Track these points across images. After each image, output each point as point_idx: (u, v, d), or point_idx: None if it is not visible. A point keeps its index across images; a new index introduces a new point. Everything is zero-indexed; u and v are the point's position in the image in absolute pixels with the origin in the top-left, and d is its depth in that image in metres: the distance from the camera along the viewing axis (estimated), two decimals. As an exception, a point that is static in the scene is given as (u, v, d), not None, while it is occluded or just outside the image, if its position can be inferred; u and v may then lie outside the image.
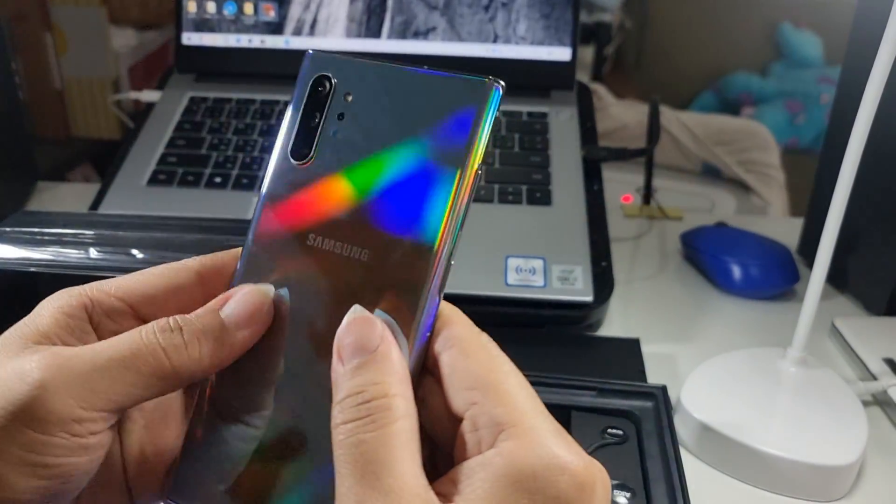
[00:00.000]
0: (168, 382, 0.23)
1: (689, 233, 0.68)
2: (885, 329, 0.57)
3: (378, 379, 0.21)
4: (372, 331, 0.22)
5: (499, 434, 0.21)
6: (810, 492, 0.44)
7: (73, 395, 0.21)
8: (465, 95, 0.23)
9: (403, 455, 0.21)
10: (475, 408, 0.22)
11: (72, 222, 0.49)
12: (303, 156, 0.25)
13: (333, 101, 0.25)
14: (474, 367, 0.22)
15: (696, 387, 0.49)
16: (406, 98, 0.24)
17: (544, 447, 0.21)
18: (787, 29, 1.66)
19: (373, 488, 0.20)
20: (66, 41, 1.13)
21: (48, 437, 0.21)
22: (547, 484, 0.20)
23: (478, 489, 0.20)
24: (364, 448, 0.20)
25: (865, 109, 0.41)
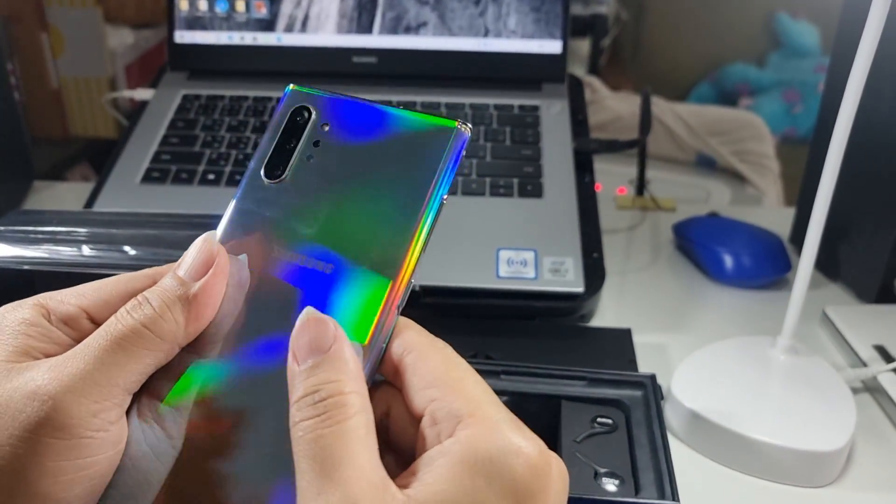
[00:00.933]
0: (160, 352, 0.24)
1: (681, 223, 0.68)
2: (875, 317, 0.57)
3: (333, 377, 0.22)
4: (325, 331, 0.23)
5: (457, 425, 0.22)
6: (799, 478, 0.44)
7: (83, 395, 0.22)
8: (434, 136, 0.25)
9: (360, 448, 0.21)
10: (434, 403, 0.23)
11: (65, 220, 0.49)
12: (275, 175, 0.26)
13: (310, 130, 0.27)
14: (432, 367, 0.24)
15: (686, 375, 0.49)
16: (380, 133, 0.26)
17: (500, 434, 0.22)
18: (783, 19, 1.65)
19: (331, 480, 0.21)
20: (62, 41, 1.13)
21: (75, 440, 0.22)
22: (503, 467, 0.21)
23: (436, 474, 0.21)
24: (322, 443, 0.21)
25: (850, 97, 0.42)
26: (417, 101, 0.70)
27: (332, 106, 0.27)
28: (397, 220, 0.25)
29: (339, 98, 0.27)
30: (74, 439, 0.22)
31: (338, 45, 0.72)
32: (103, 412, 0.22)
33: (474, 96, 0.71)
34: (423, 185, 0.25)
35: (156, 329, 0.23)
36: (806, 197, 0.67)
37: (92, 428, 0.22)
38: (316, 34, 0.72)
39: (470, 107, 0.70)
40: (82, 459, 0.22)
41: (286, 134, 0.27)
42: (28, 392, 0.22)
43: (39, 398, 0.22)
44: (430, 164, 0.25)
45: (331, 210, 0.25)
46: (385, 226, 0.25)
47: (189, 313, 0.24)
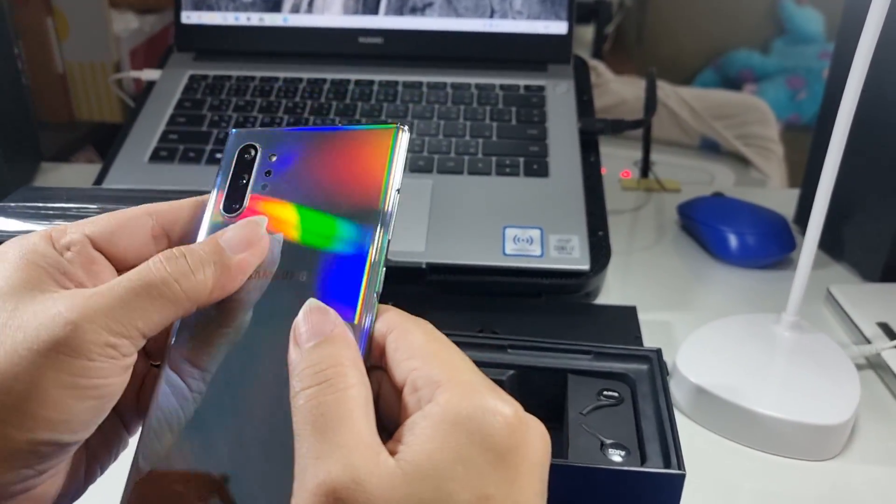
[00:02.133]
0: (181, 307, 0.25)
1: (686, 203, 0.68)
2: (879, 295, 0.58)
3: (334, 353, 0.24)
4: (326, 318, 0.25)
5: (436, 390, 0.23)
6: (803, 451, 0.44)
7: (102, 327, 0.23)
8: (378, 139, 0.28)
9: (358, 415, 0.22)
10: (414, 372, 0.24)
11: (75, 197, 0.49)
12: (234, 209, 0.28)
13: (259, 163, 0.29)
14: (411, 341, 0.25)
15: (691, 351, 0.49)
16: (327, 149, 0.28)
17: (478, 395, 0.23)
18: (788, 5, 1.65)
19: (329, 443, 0.22)
20: (67, 25, 1.13)
21: (87, 362, 0.23)
22: (481, 424, 0.22)
23: (420, 436, 0.22)
24: (323, 409, 0.22)
25: (855, 75, 0.42)
26: (423, 81, 0.71)
27: (275, 138, 0.29)
28: (359, 215, 0.27)
29: (280, 130, 0.30)
30: (86, 361, 0.23)
31: (344, 25, 0.72)
32: (118, 346, 0.24)
33: (480, 76, 0.71)
34: (376, 182, 0.27)
35: (184, 284, 0.25)
36: (810, 178, 0.67)
37: (105, 356, 0.23)
38: (322, 15, 0.72)
39: (476, 87, 0.70)
40: (91, 380, 0.23)
41: (237, 171, 0.29)
42: (51, 315, 0.23)
43: (61, 321, 0.23)
44: (379, 163, 0.27)
45: (294, 224, 0.27)
46: (348, 223, 0.27)
47: (218, 280, 0.26)
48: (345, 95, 0.70)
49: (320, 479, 0.21)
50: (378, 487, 0.21)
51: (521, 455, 0.23)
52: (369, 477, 0.21)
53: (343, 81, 0.71)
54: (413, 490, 0.21)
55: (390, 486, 0.21)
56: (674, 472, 0.38)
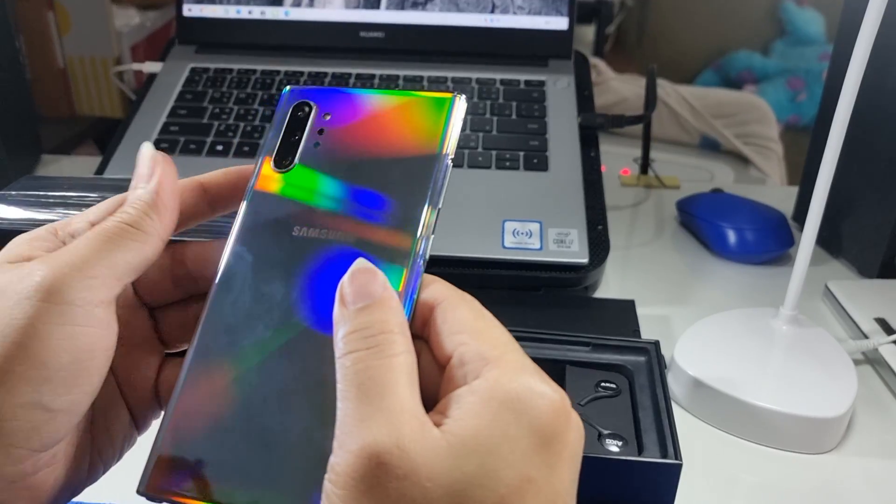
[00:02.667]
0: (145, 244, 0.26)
1: (685, 199, 0.68)
2: (877, 291, 0.58)
3: (383, 318, 0.23)
4: (375, 279, 0.24)
5: (484, 366, 0.23)
6: (800, 444, 0.45)
7: (76, 269, 0.24)
8: (435, 107, 0.27)
9: (405, 382, 0.22)
10: (462, 347, 0.24)
11: (76, 186, 0.50)
12: (284, 165, 0.28)
13: (313, 120, 0.28)
14: (460, 316, 0.24)
15: (689, 344, 0.49)
16: (382, 113, 0.28)
17: (527, 376, 0.23)
18: (789, 6, 1.65)
19: (374, 407, 0.21)
20: (68, 20, 1.13)
21: (65, 306, 0.23)
22: (529, 406, 0.22)
23: (466, 410, 0.22)
24: (370, 373, 0.22)
25: (853, 72, 0.42)
26: (424, 75, 0.71)
27: (331, 97, 0.29)
28: (410, 181, 0.26)
29: (337, 90, 0.29)
30: (63, 304, 0.23)
31: (345, 19, 0.72)
32: (93, 287, 0.24)
33: (481, 71, 0.71)
34: (430, 148, 0.27)
35: (136, 225, 0.25)
36: (809, 175, 0.67)
37: (82, 297, 0.23)
38: (323, 9, 0.72)
39: (476, 81, 0.70)
40: (70, 326, 0.23)
41: (290, 128, 0.28)
42: (25, 272, 0.24)
43: (35, 273, 0.23)
44: (434, 131, 0.27)
45: (344, 184, 0.27)
46: (399, 188, 0.26)
47: (157, 209, 0.26)
48: (345, 89, 0.70)
49: (365, 441, 0.21)
50: (422, 456, 0.21)
51: (564, 442, 0.22)
52: (414, 445, 0.21)
53: (344, 75, 0.71)
54: (457, 463, 0.21)
55: (434, 457, 0.21)
56: (670, 461, 0.38)
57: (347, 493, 0.21)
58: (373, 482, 0.20)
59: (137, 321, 0.29)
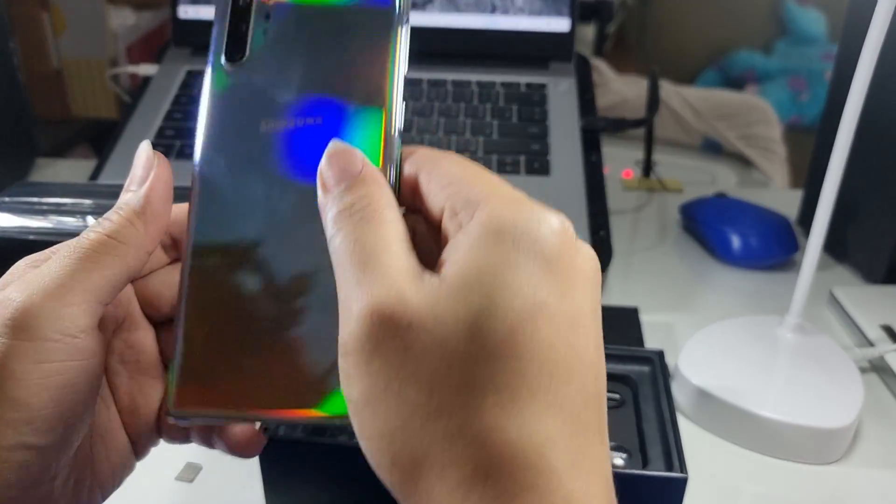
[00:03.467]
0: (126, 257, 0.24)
1: (688, 204, 0.67)
2: (883, 297, 0.57)
3: (366, 193, 0.22)
4: (353, 157, 0.23)
5: (476, 208, 0.22)
6: (806, 454, 0.44)
7: (49, 298, 0.22)
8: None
9: (397, 243, 0.22)
10: (451, 198, 0.22)
11: (70, 192, 0.49)
12: (236, 58, 0.26)
13: (257, 5, 0.26)
14: (445, 170, 0.23)
15: (693, 353, 0.49)
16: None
17: (522, 205, 0.22)
18: (790, 6, 1.64)
19: (370, 269, 0.21)
20: (63, 21, 1.12)
21: (40, 342, 0.22)
22: (526, 231, 0.21)
23: (462, 251, 0.21)
24: (360, 241, 0.21)
25: (860, 78, 0.41)
26: (424, 78, 0.70)
27: None
28: (370, 54, 0.25)
29: None
30: (39, 341, 0.22)
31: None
32: (71, 317, 0.23)
33: (481, 74, 0.70)
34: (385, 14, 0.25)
35: (119, 236, 0.24)
36: (814, 179, 0.67)
37: (58, 330, 0.22)
38: (321, 10, 0.71)
39: (477, 84, 0.69)
40: (48, 364, 0.22)
41: (234, 17, 0.27)
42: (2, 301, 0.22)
43: (6, 304, 0.22)
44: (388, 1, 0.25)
45: (303, 68, 0.26)
46: (360, 63, 0.25)
47: (145, 217, 0.25)
48: (344, 92, 0.69)
49: (364, 302, 0.20)
50: (424, 302, 0.20)
51: (573, 267, 0.21)
52: (413, 294, 0.20)
53: (342, 78, 0.70)
54: (461, 302, 0.20)
55: (436, 301, 0.20)
56: (676, 475, 0.37)
57: (357, 357, 0.20)
58: (380, 338, 0.20)
59: (142, 343, 0.27)
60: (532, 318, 0.20)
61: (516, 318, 0.20)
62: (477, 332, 0.20)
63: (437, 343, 0.20)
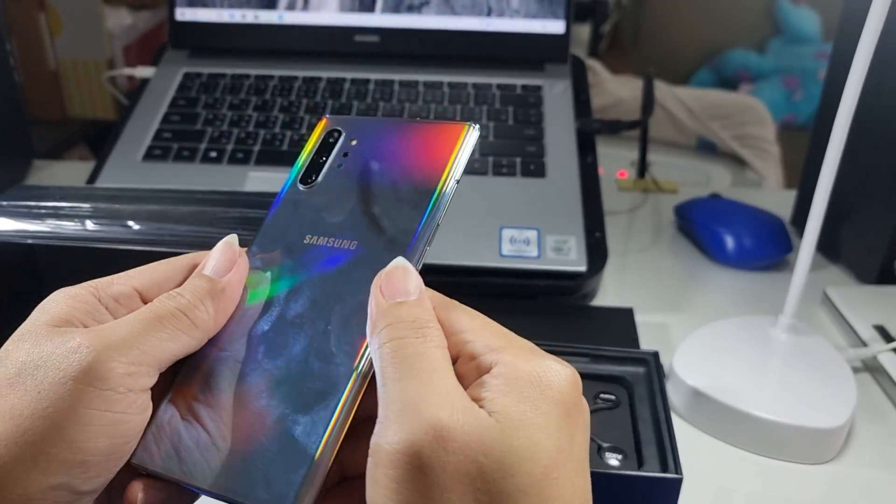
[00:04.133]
0: (193, 338, 0.26)
1: (682, 204, 0.68)
2: (876, 297, 0.57)
3: (423, 312, 0.25)
4: (411, 280, 0.26)
5: (497, 354, 0.24)
6: (799, 454, 0.44)
7: (121, 354, 0.24)
8: (447, 134, 0.30)
9: (443, 364, 0.24)
10: (468, 344, 0.25)
11: (68, 196, 0.49)
12: (309, 182, 0.31)
13: (340, 145, 0.32)
14: (455, 318, 0.26)
15: (688, 353, 0.49)
16: (401, 139, 0.31)
17: (540, 356, 0.25)
18: (784, 5, 1.65)
19: (427, 385, 0.23)
20: (60, 22, 1.12)
21: (109, 392, 0.23)
22: (549, 381, 0.24)
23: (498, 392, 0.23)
24: (409, 351, 0.23)
25: (854, 79, 0.42)
26: (420, 80, 0.70)
27: (359, 125, 0.32)
28: (415, 199, 0.29)
29: (366, 119, 0.33)
30: (108, 391, 0.23)
31: (340, 23, 0.72)
32: (137, 374, 0.24)
33: (477, 76, 0.70)
34: (437, 172, 0.29)
35: (191, 315, 0.26)
36: (808, 179, 0.67)
37: (125, 384, 0.24)
38: (318, 12, 0.72)
39: (473, 86, 0.70)
40: (112, 413, 0.23)
41: (319, 151, 0.32)
42: (70, 347, 0.23)
43: (82, 350, 0.23)
44: (444, 156, 0.29)
45: (355, 201, 0.30)
46: (402, 206, 0.29)
47: (217, 305, 0.27)
48: (340, 94, 0.69)
49: (424, 417, 0.22)
50: (475, 432, 0.22)
51: (580, 412, 0.24)
52: (467, 422, 0.22)
53: (339, 80, 0.70)
54: (507, 438, 0.22)
55: (486, 432, 0.22)
56: (671, 475, 0.38)
57: (401, 472, 0.21)
58: (429, 458, 0.21)
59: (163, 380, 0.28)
60: (557, 462, 0.23)
61: (549, 461, 0.22)
62: (515, 469, 0.22)
63: (479, 474, 0.21)
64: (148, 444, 0.26)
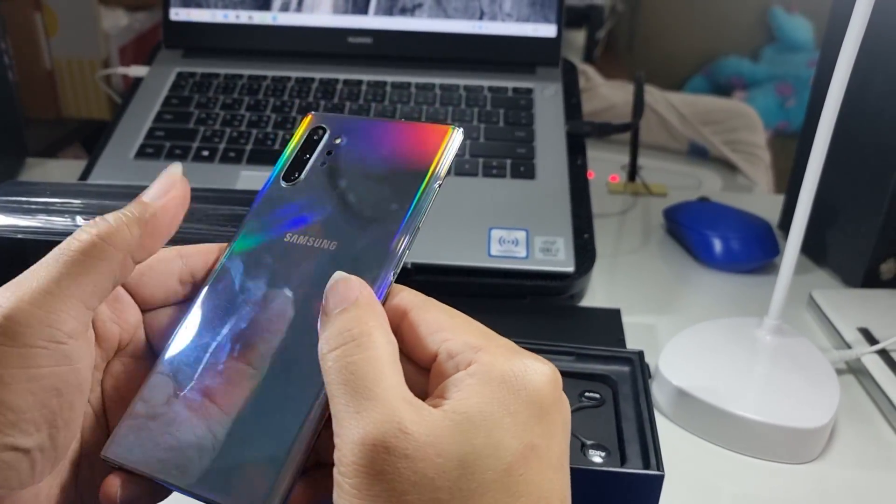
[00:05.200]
0: (114, 262, 0.25)
1: (671, 208, 0.68)
2: (861, 300, 0.58)
3: (361, 317, 0.24)
4: (352, 285, 0.25)
5: (475, 353, 0.24)
6: (782, 454, 0.45)
7: (36, 306, 0.23)
8: (432, 136, 0.30)
9: (389, 372, 0.23)
10: (447, 342, 0.25)
11: (60, 192, 0.49)
12: (292, 180, 0.31)
13: (325, 142, 0.31)
14: (434, 317, 0.26)
15: (673, 354, 0.49)
16: (385, 139, 0.30)
17: (517, 355, 0.25)
18: (778, 13, 1.66)
19: (366, 396, 0.22)
20: (55, 21, 1.12)
21: (25, 349, 0.22)
22: (524, 380, 0.24)
23: (467, 391, 0.23)
24: (353, 368, 0.23)
25: (837, 82, 0.42)
26: (412, 81, 0.71)
27: (344, 123, 0.32)
28: (397, 200, 0.28)
29: (352, 118, 0.32)
30: (24, 347, 0.22)
31: (333, 25, 0.72)
32: (58, 322, 0.23)
33: (469, 78, 0.71)
34: (420, 173, 0.29)
35: (110, 239, 0.24)
36: (795, 184, 0.68)
37: (43, 337, 0.23)
38: (311, 14, 0.72)
39: (464, 88, 0.70)
40: (34, 369, 0.23)
41: (303, 148, 0.31)
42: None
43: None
44: (428, 157, 0.29)
45: (337, 199, 0.29)
46: (384, 207, 0.28)
47: (146, 228, 0.26)
48: (333, 95, 0.70)
49: (366, 430, 0.21)
50: (427, 434, 0.22)
51: (559, 411, 0.24)
52: (415, 425, 0.22)
53: (331, 81, 0.71)
54: (465, 437, 0.22)
55: (440, 433, 0.22)
56: (652, 472, 0.38)
57: (360, 480, 0.21)
58: (383, 466, 0.21)
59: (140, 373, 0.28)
60: (525, 459, 0.22)
61: (512, 459, 0.22)
62: (476, 467, 0.22)
63: (437, 474, 0.21)
64: (120, 439, 0.26)
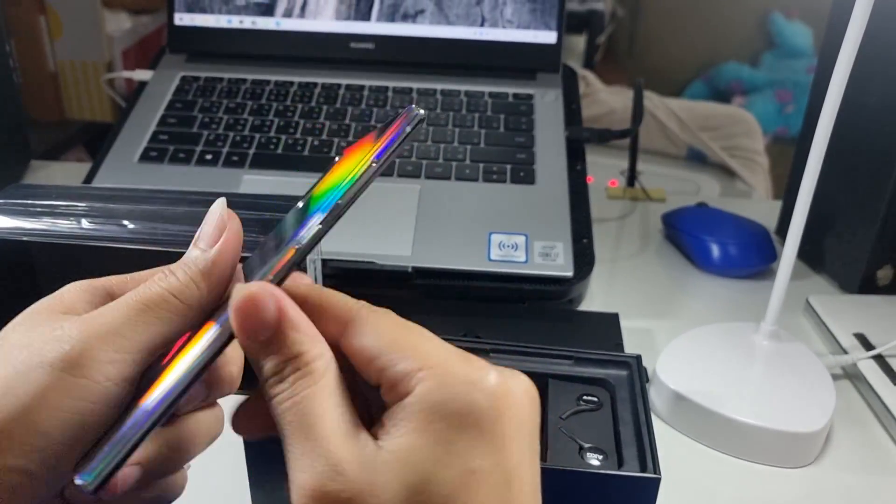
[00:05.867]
0: (184, 316, 0.25)
1: (670, 213, 0.69)
2: (857, 306, 0.59)
3: (291, 350, 0.23)
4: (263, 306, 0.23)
5: (410, 381, 0.23)
6: (778, 458, 0.45)
7: (105, 342, 0.24)
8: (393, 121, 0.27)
9: (330, 406, 0.23)
10: (384, 372, 0.23)
11: (64, 195, 0.50)
12: None
13: None
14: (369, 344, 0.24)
15: (670, 358, 0.50)
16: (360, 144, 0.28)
17: (452, 376, 0.23)
18: (777, 19, 1.67)
19: (309, 439, 0.22)
20: (60, 24, 1.13)
21: (85, 381, 0.23)
22: (462, 405, 0.22)
23: (400, 427, 0.23)
24: (297, 409, 0.23)
25: (834, 89, 0.43)
26: (413, 87, 0.71)
27: None
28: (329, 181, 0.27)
29: None
30: (85, 379, 0.23)
31: (336, 30, 0.73)
32: (120, 363, 0.24)
33: (470, 84, 0.71)
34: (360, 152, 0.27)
35: (181, 296, 0.25)
36: (792, 190, 0.68)
37: (105, 373, 0.23)
38: (314, 19, 0.73)
39: (465, 94, 0.71)
40: (84, 402, 0.23)
41: None
42: (56, 335, 0.24)
43: (66, 337, 0.23)
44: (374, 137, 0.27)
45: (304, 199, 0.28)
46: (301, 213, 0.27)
47: (210, 279, 0.26)
48: (335, 100, 0.70)
49: (304, 477, 0.22)
50: (363, 475, 0.22)
51: (506, 420, 0.23)
52: (352, 466, 0.22)
53: (334, 86, 0.71)
54: (398, 474, 0.22)
55: (375, 474, 0.22)
56: (649, 475, 0.38)
57: None
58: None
59: None
60: (465, 487, 0.22)
61: (450, 490, 0.22)
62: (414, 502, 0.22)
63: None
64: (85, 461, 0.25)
